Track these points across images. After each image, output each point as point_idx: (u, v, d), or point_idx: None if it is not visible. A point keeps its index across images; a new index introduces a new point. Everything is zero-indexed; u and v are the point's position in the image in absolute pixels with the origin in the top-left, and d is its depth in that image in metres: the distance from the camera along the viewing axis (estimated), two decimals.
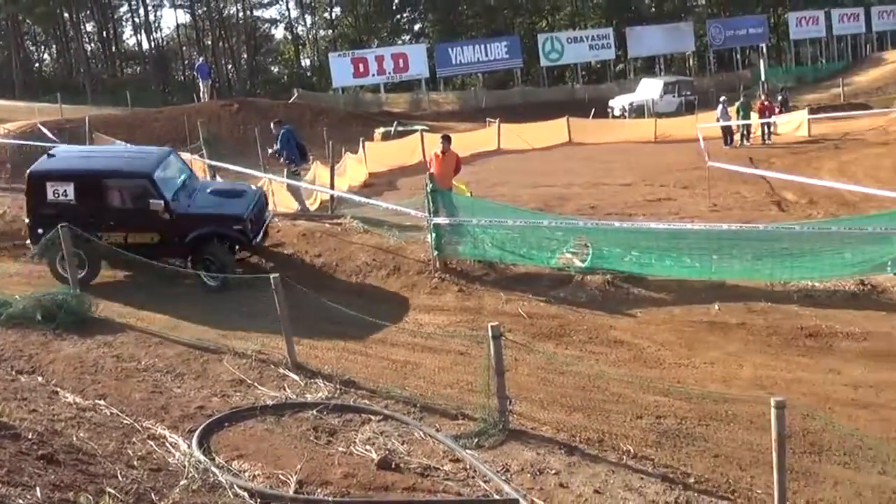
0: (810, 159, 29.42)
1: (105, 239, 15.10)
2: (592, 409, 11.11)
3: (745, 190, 23.66)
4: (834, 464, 9.90)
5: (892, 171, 26.29)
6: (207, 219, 15.60)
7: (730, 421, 10.72)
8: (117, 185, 15.55)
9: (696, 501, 8.74)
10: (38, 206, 15.36)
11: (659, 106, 46.40)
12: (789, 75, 65.39)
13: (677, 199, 22.67)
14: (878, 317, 13.97)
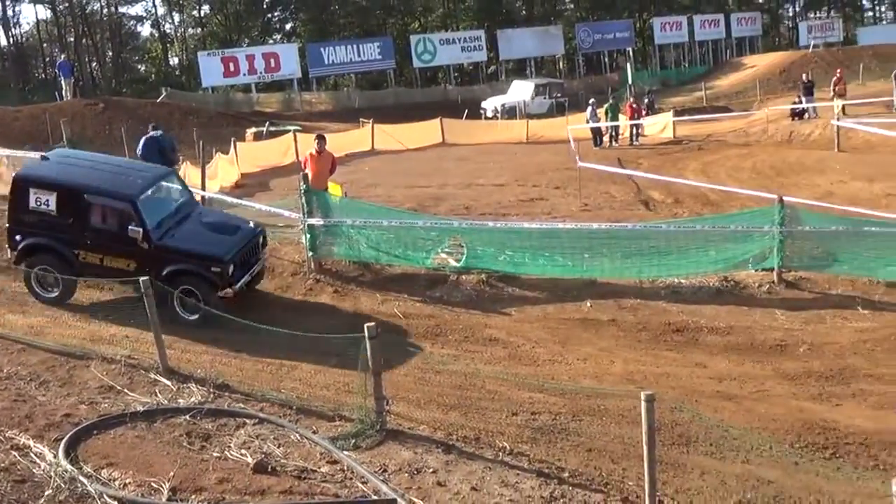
0: (675, 160, 30.34)
1: (81, 258, 14.13)
2: (469, 408, 11.19)
3: (615, 190, 24.23)
4: (701, 454, 10.22)
5: (752, 171, 27.34)
6: (185, 255, 14.04)
7: (602, 415, 10.95)
8: (99, 203, 14.24)
9: (571, 495, 8.88)
10: (19, 211, 14.29)
11: (530, 107, 47.10)
12: (655, 78, 67.35)
13: (550, 199, 23.04)
14: (740, 312, 14.53)
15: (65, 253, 14.08)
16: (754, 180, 25.37)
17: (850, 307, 14.71)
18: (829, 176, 25.38)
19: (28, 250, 14.23)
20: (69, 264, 14.13)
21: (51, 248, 14.12)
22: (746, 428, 10.60)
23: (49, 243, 14.10)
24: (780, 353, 13.29)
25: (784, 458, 9.97)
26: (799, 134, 34.06)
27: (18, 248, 14.29)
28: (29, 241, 14.16)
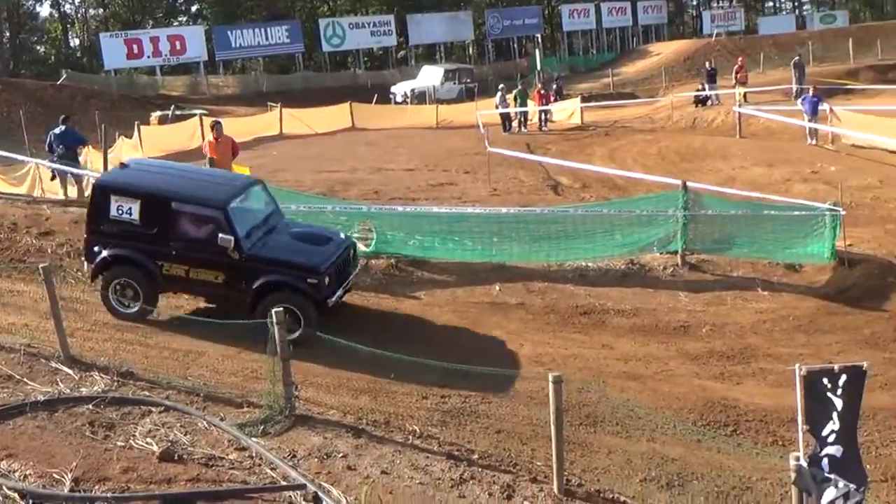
0: (583, 145, 30.70)
1: (165, 270, 13.11)
2: (379, 392, 11.22)
3: (524, 175, 24.41)
4: (608, 433, 10.43)
5: (657, 157, 27.82)
6: (278, 265, 13.01)
7: (511, 397, 11.09)
8: (187, 211, 13.18)
9: (480, 476, 8.95)
10: (98, 221, 13.21)
11: (440, 92, 47.11)
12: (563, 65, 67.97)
13: (459, 184, 23.11)
14: (645, 294, 14.82)
15: (147, 265, 13.05)
16: (659, 166, 25.84)
17: (751, 289, 15.13)
18: (731, 161, 25.96)
19: (107, 262, 13.11)
20: (152, 277, 13.10)
21: (132, 259, 13.07)
22: (651, 407, 10.85)
23: (131, 255, 13.05)
24: (684, 333, 13.62)
25: (687, 435, 10.23)
26: (702, 120, 34.78)
27: (97, 260, 13.15)
28: (109, 252, 13.06)
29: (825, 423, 6.95)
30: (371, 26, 63.72)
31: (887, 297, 14.91)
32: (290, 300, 12.57)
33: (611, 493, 8.97)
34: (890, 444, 10.70)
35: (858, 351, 12.89)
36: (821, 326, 13.96)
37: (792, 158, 25.68)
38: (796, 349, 13.02)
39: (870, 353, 12.77)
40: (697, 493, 9.29)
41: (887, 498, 9.58)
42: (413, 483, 8.70)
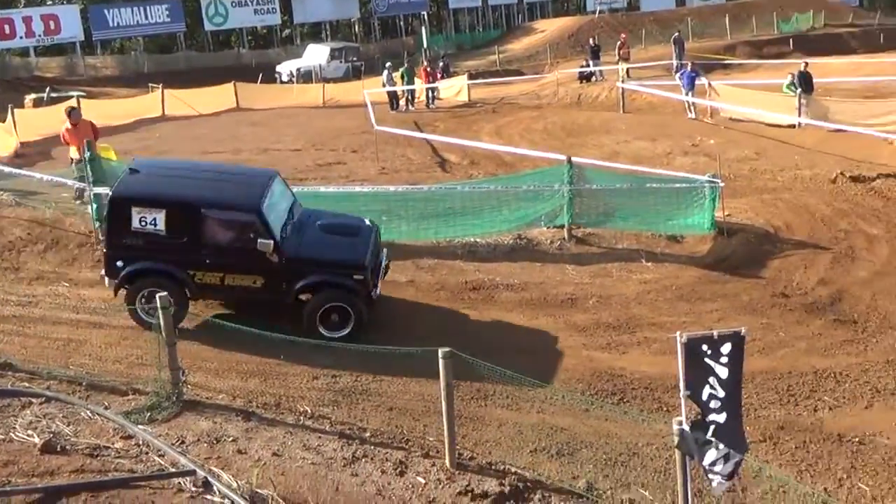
0: (470, 123, 30.83)
1: (198, 280, 12.47)
2: (269, 374, 11.13)
3: (412, 153, 24.41)
4: (498, 407, 10.58)
5: (543, 133, 28.14)
6: (322, 265, 12.66)
7: (403, 374, 11.13)
8: (218, 216, 12.57)
9: (373, 454, 8.97)
10: (119, 234, 12.37)
11: (326, 71, 46.66)
12: (450, 42, 67.94)
13: (347, 163, 22.97)
14: (533, 268, 15.02)
15: (178, 275, 12.36)
16: (546, 141, 26.14)
17: (635, 260, 15.48)
18: (615, 136, 26.46)
19: (133, 276, 12.39)
20: (184, 287, 12.41)
21: (162, 271, 12.35)
22: (541, 379, 10.99)
23: (160, 267, 12.35)
24: (571, 306, 13.86)
25: (576, 405, 10.43)
26: (587, 96, 35.32)
27: (121, 275, 12.37)
28: (135, 266, 12.32)
29: (705, 388, 7.15)
30: (254, 4, 62.41)
31: (764, 265, 15.45)
32: (337, 298, 12.44)
33: (502, 464, 9.09)
34: (768, 406, 11.13)
35: (738, 317, 13.34)
36: (702, 295, 14.38)
37: (673, 132, 26.32)
38: (679, 317, 13.39)
39: (748, 318, 13.24)
40: (586, 460, 9.49)
41: (766, 457, 9.95)
42: (305, 463, 8.66)
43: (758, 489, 8.95)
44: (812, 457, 10.11)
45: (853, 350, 12.81)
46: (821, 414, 11.08)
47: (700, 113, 28.84)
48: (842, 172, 20.49)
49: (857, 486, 9.64)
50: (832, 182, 20.16)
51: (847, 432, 10.62)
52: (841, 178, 20.29)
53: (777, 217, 17.53)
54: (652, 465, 9.33)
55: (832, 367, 12.15)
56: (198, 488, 7.84)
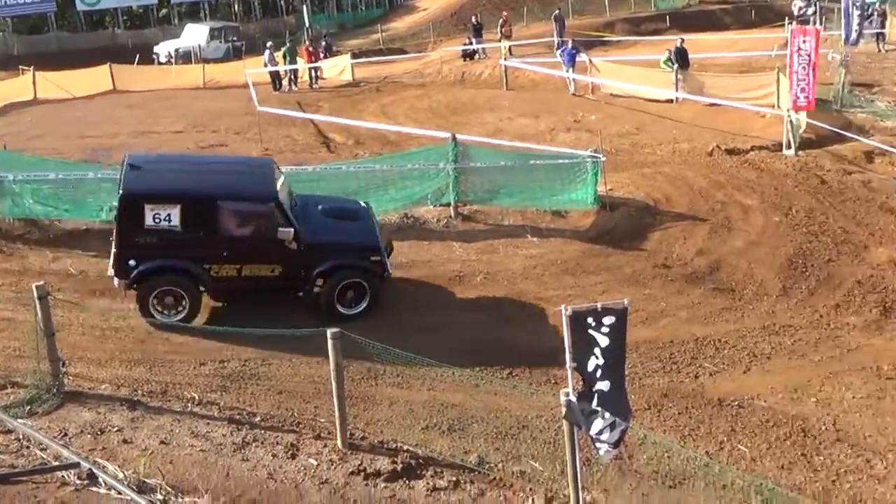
0: (355, 102, 30.64)
1: (214, 273, 12.21)
2: (154, 362, 10.92)
3: (296, 133, 24.14)
4: (389, 385, 10.62)
5: (428, 111, 28.15)
6: (340, 249, 12.81)
7: (292, 358, 11.07)
8: (234, 208, 12.40)
9: (263, 438, 8.91)
10: (132, 232, 11.95)
11: (206, 52, 45.62)
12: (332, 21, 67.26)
13: (230, 145, 22.59)
14: (420, 246, 15.08)
15: (194, 270, 12.14)
16: (431, 120, 26.17)
17: (521, 236, 15.68)
18: (498, 113, 26.65)
19: (147, 274, 12.01)
20: (199, 282, 12.24)
21: (177, 268, 12.12)
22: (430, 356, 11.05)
23: (176, 264, 12.10)
24: (459, 282, 13.96)
25: (466, 381, 10.52)
26: (470, 74, 35.43)
27: (133, 274, 11.96)
28: (148, 265, 11.98)
29: (590, 359, 7.29)
30: None
31: (645, 237, 15.83)
32: (355, 277, 12.70)
33: (394, 442, 9.14)
34: (652, 375, 11.45)
35: (621, 289, 13.66)
36: (586, 268, 14.66)
37: (556, 109, 26.66)
38: (565, 291, 13.64)
39: (631, 290, 13.58)
40: (477, 435, 9.62)
41: (651, 423, 10.24)
42: (194, 450, 8.55)
43: (643, 455, 9.21)
44: (694, 422, 10.46)
45: (731, 317, 13.27)
46: (702, 380, 11.45)
47: (581, 89, 29.25)
48: (718, 145, 21.13)
49: (737, 447, 10.02)
50: (709, 155, 20.78)
51: (727, 397, 11.02)
52: (717, 150, 20.94)
53: (657, 190, 17.96)
54: (542, 437, 9.50)
55: (712, 335, 12.58)
56: (83, 481, 7.67)
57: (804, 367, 11.95)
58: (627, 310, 7.34)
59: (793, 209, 17.24)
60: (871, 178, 19.45)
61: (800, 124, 21.26)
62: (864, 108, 24.90)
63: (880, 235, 16.34)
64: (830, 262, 15.21)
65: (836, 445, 10.18)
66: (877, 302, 13.97)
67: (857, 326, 13.22)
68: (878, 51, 34.71)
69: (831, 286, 14.44)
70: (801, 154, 20.58)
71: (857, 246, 15.88)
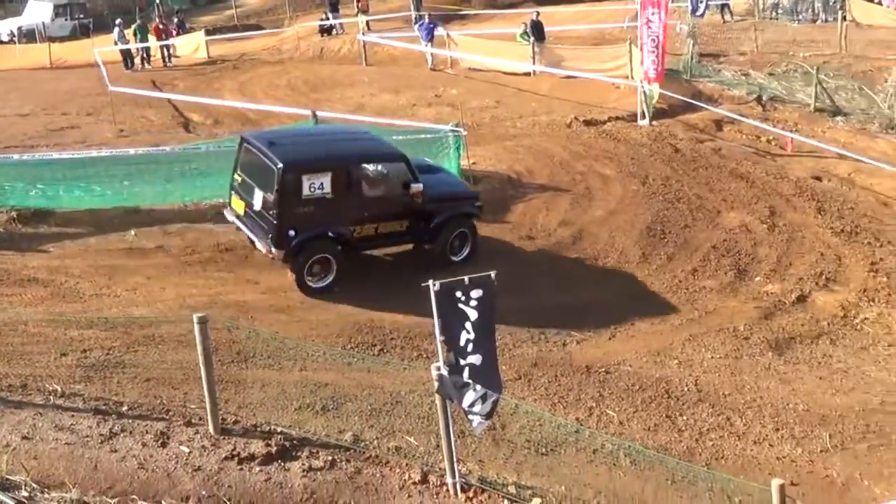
0: (211, 80, 29.96)
1: (356, 234, 13.05)
2: (11, 354, 10.45)
3: (152, 114, 23.47)
4: (260, 368, 10.47)
5: (287, 88, 27.80)
6: (452, 200, 14.05)
7: (158, 344, 10.79)
8: (376, 170, 13.47)
9: (132, 427, 8.67)
10: (291, 204, 12.38)
11: (51, 30, 43.79)
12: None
13: (82, 127, 21.79)
14: None
15: (345, 234, 12.93)
16: (290, 97, 25.86)
17: None
18: (359, 89, 26.53)
19: (307, 242, 12.62)
20: (346, 244, 13.02)
21: (331, 234, 12.86)
22: (301, 337, 10.99)
23: (329, 230, 12.80)
24: None
25: (338, 360, 10.50)
26: (329, 50, 35.11)
27: (293, 244, 12.47)
28: (306, 234, 12.59)
29: (461, 333, 7.39)
30: None
31: (509, 210, 16.08)
32: (463, 225, 13.97)
33: (267, 425, 9.03)
34: (521, 345, 11.68)
35: (487, 261, 13.81)
36: None
37: (416, 84, 26.72)
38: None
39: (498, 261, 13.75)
40: (351, 413, 9.61)
41: (522, 393, 10.45)
42: (59, 444, 8.26)
43: (516, 425, 9.39)
44: (563, 389, 10.73)
45: (595, 286, 13.61)
46: (570, 348, 11.73)
47: (440, 64, 29.39)
48: (576, 117, 21.60)
49: (606, 412, 10.33)
50: (567, 126, 21.21)
51: (594, 363, 11.34)
52: (575, 122, 21.39)
53: (519, 163, 18.24)
54: (415, 412, 9.56)
55: (577, 303, 12.87)
56: None
57: (666, 331, 12.40)
58: (494, 282, 7.45)
59: (649, 178, 17.80)
60: (721, 146, 20.27)
61: (653, 95, 21.91)
62: (711, 77, 25.85)
63: (732, 200, 17.04)
64: (686, 228, 15.79)
65: (699, 405, 10.64)
66: (731, 265, 14.59)
67: (713, 290, 13.80)
68: (724, 21, 36.00)
69: (688, 252, 15.01)
70: (654, 124, 21.26)
71: (711, 212, 16.54)
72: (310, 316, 12.06)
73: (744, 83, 25.29)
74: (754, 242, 15.54)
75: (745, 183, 18.13)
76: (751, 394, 10.97)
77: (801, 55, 27.72)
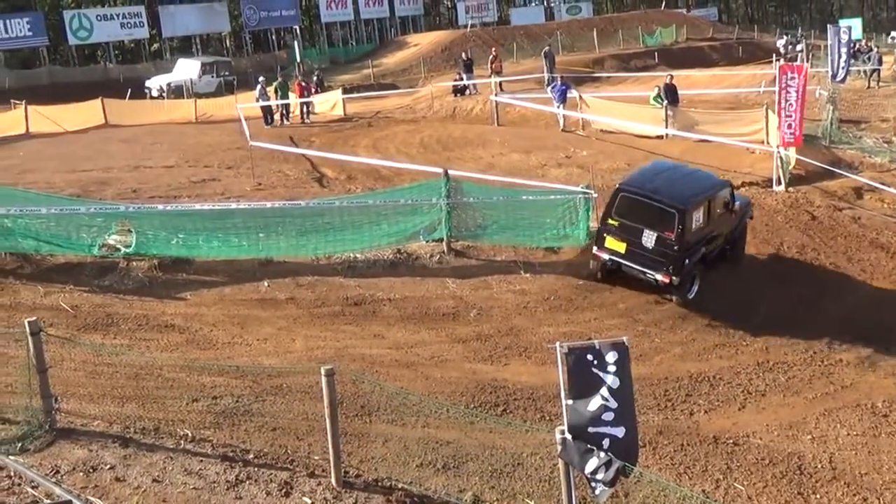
0: (347, 137, 30.69)
1: (709, 251, 15.65)
2: (146, 398, 10.81)
3: (288, 168, 24.14)
4: (383, 422, 10.52)
5: (420, 146, 28.23)
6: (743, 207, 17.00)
7: (285, 394, 10.98)
8: (720, 196, 15.97)
9: (257, 476, 8.83)
10: (685, 236, 14.75)
11: (198, 86, 45.82)
12: (323, 56, 67.68)
13: (222, 180, 22.56)
14: (413, 282, 15.03)
15: (706, 253, 15.53)
16: (422, 155, 26.23)
17: (514, 272, 15.67)
18: (490, 149, 26.73)
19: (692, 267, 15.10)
20: (704, 261, 15.51)
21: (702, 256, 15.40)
22: (425, 393, 11.04)
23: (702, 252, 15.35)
24: (453, 319, 13.93)
25: (460, 418, 10.47)
26: (462, 109, 35.59)
27: (685, 269, 14.88)
28: (693, 258, 15.11)
29: (593, 399, 7.24)
30: (121, 18, 60.92)
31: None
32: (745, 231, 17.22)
33: (389, 480, 9.07)
34: (647, 412, 11.41)
35: (615, 325, 13.67)
36: (579, 304, 14.67)
37: (547, 144, 26.77)
38: (559, 327, 13.64)
39: (626, 326, 13.58)
40: (472, 473, 9.55)
41: (646, 462, 10.19)
42: (187, 488, 8.48)
43: (640, 494, 9.17)
44: (690, 459, 10.44)
45: (725, 353, 13.30)
46: (697, 417, 11.44)
47: (571, 125, 29.42)
48: None
49: (734, 486, 9.99)
50: None
51: (722, 434, 11.00)
52: None
53: None
54: (537, 475, 9.46)
55: (706, 371, 12.57)
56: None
57: (799, 404, 11.97)
58: (628, 348, 7.32)
59: (784, 245, 17.33)
60: (860, 214, 19.61)
61: (789, 160, 21.43)
62: (852, 144, 25.16)
63: (871, 271, 16.42)
64: (822, 298, 15.27)
65: (833, 484, 10.19)
66: (869, 338, 14.02)
67: (850, 363, 13.28)
68: (867, 87, 35.08)
69: (824, 323, 14.48)
70: (791, 190, 20.74)
71: (850, 282, 15.96)
72: (434, 373, 12.10)
73: (886, 151, 24.52)
74: (894, 315, 14.93)
75: (885, 253, 17.48)
76: (890, 474, 10.45)
77: None
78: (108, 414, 10.30)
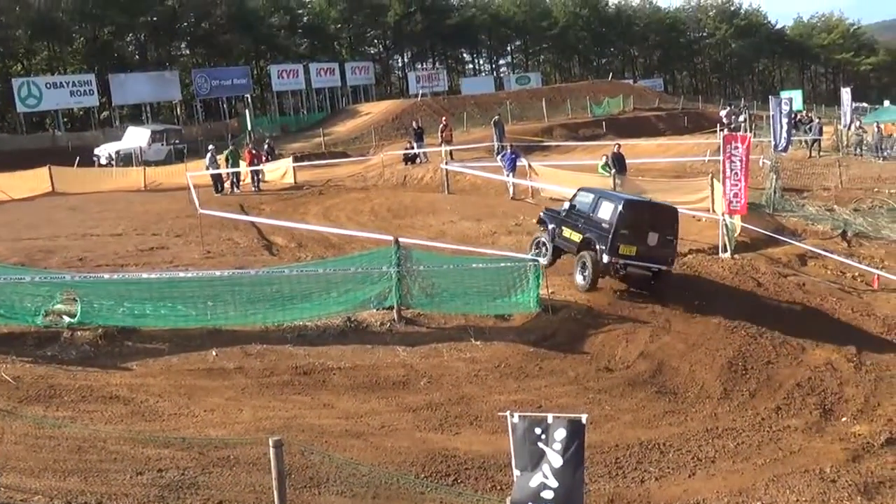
0: (297, 205, 30.72)
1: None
2: (89, 472, 10.57)
3: (238, 236, 24.04)
4: (333, 494, 10.38)
5: (370, 214, 28.33)
6: None
7: (233, 466, 10.80)
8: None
9: None
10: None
11: (147, 154, 45.65)
12: (275, 125, 68.00)
13: (171, 248, 22.39)
14: (364, 350, 14.94)
15: None
16: (373, 222, 26.32)
17: (464, 339, 15.62)
18: (440, 216, 26.88)
19: None
20: None
21: None
22: (375, 464, 10.92)
23: None
24: (403, 387, 13.84)
25: (411, 489, 10.36)
26: (412, 177, 35.85)
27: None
28: None
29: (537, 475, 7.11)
30: (70, 86, 60.81)
31: (588, 341, 15.91)
32: None
33: None
34: (597, 480, 11.37)
35: (565, 393, 13.66)
36: (530, 372, 14.65)
37: (497, 212, 26.99)
38: (509, 395, 13.59)
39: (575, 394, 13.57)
40: None
41: None
42: None
43: None
44: None
45: (675, 420, 13.32)
46: (648, 485, 11.41)
47: (521, 193, 29.72)
48: None
49: None
50: None
51: (673, 501, 10.97)
52: None
53: (598, 293, 18.13)
54: None
55: (656, 438, 12.57)
56: None
57: (748, 470, 11.99)
58: (584, 426, 7.07)
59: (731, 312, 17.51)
60: (805, 281, 19.93)
61: (734, 228, 21.77)
62: (795, 212, 25.70)
63: (817, 337, 16.63)
64: (770, 365, 15.42)
65: None
66: (816, 404, 14.17)
67: (798, 429, 13.37)
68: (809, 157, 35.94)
69: (771, 388, 14.63)
70: (736, 257, 21.04)
71: (795, 348, 16.15)
72: (384, 442, 11.97)
73: (828, 218, 25.07)
74: (840, 381, 15.12)
75: (829, 319, 17.74)
76: None
77: (886, 192, 27.41)
78: (49, 488, 10.05)
